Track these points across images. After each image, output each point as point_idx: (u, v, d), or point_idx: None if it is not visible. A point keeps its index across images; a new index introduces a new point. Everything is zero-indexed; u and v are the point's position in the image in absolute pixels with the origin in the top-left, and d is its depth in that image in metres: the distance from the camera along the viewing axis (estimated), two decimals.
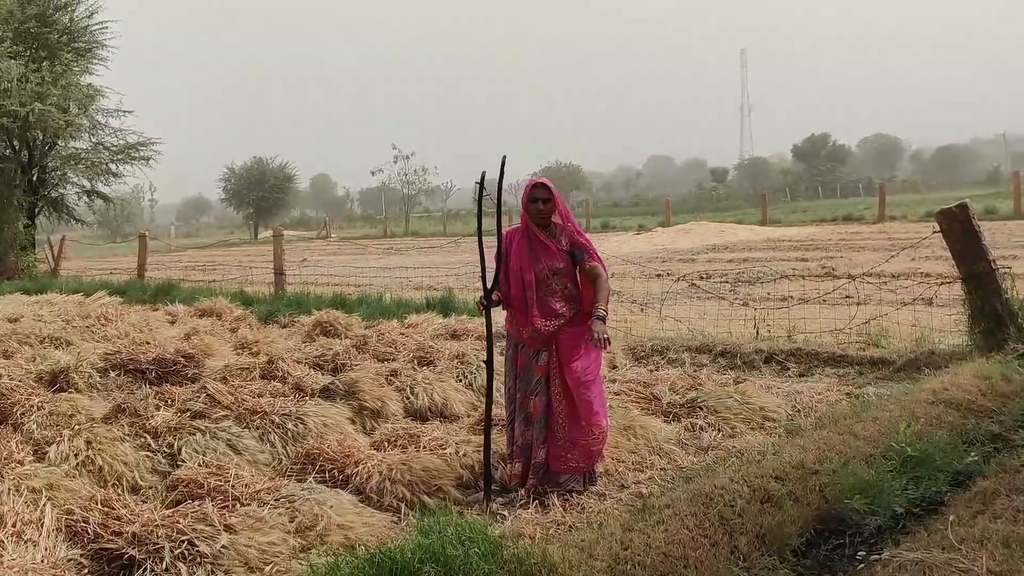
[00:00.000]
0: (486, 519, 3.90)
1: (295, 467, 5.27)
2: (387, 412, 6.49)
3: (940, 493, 4.54)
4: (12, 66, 18.21)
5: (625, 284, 14.68)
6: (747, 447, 5.43)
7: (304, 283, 17.12)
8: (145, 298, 14.89)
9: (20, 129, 19.13)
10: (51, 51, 20.02)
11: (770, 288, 13.69)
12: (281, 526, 4.14)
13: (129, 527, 4.04)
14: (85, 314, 12.51)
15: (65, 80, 19.22)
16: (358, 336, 9.32)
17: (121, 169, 21.91)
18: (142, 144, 22.05)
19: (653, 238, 29.03)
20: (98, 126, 21.28)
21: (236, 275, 18.95)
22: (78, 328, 11.35)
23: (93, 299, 15.07)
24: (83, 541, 4.05)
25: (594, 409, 4.82)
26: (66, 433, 5.52)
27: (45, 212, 21.88)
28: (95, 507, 4.25)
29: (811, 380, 7.36)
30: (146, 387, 7.52)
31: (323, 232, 51.95)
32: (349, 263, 22.17)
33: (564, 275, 4.88)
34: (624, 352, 8.57)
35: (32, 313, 12.99)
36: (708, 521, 3.97)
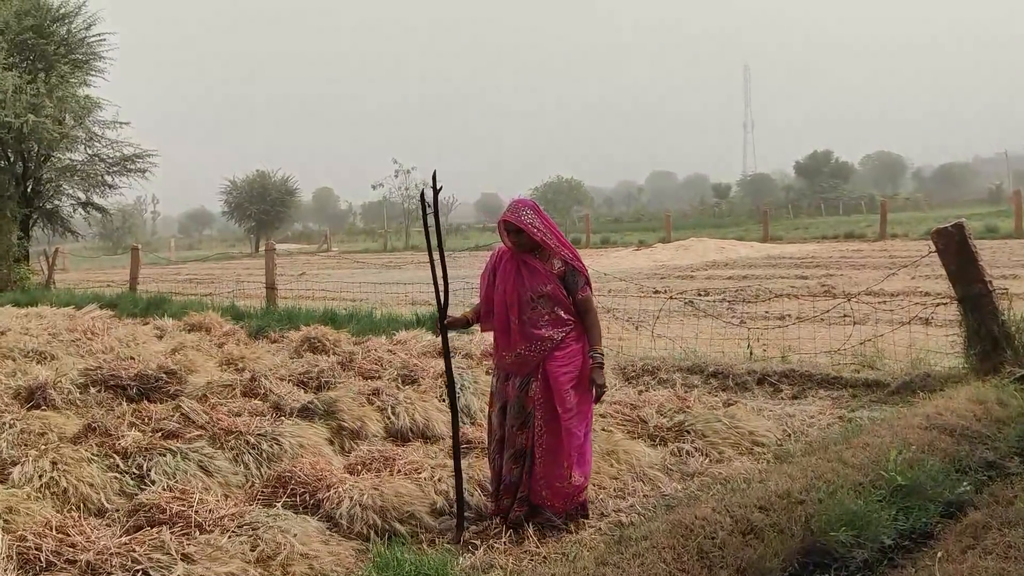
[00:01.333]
0: (447, 555, 3.71)
1: (266, 490, 5.08)
2: (367, 432, 6.32)
3: (931, 524, 4.38)
4: (7, 77, 18.12)
5: (619, 301, 14.52)
6: (734, 474, 5.26)
7: (300, 297, 16.99)
8: (136, 311, 14.74)
9: (14, 140, 19.04)
10: (48, 63, 19.96)
11: (768, 306, 13.52)
12: (242, 555, 3.97)
13: (84, 555, 3.88)
14: (72, 328, 12.37)
15: (61, 92, 19.12)
16: (345, 353, 9.16)
17: (117, 181, 21.81)
18: (138, 156, 21.96)
19: (653, 254, 28.91)
20: (94, 138, 21.19)
21: (230, 289, 18.79)
22: (64, 342, 11.21)
23: (84, 312, 14.95)
24: (35, 569, 3.88)
25: (581, 446, 4.57)
26: (32, 453, 5.35)
27: (40, 224, 21.75)
28: (50, 533, 4.08)
29: (804, 403, 7.19)
30: (125, 404, 7.35)
31: (323, 246, 51.84)
32: (346, 277, 22.01)
33: (551, 299, 4.53)
34: (614, 372, 8.40)
35: (20, 326, 12.85)
36: (687, 554, 3.81)
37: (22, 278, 19.83)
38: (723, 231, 42.97)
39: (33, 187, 20.86)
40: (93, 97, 21.18)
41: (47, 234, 23.15)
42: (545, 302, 4.52)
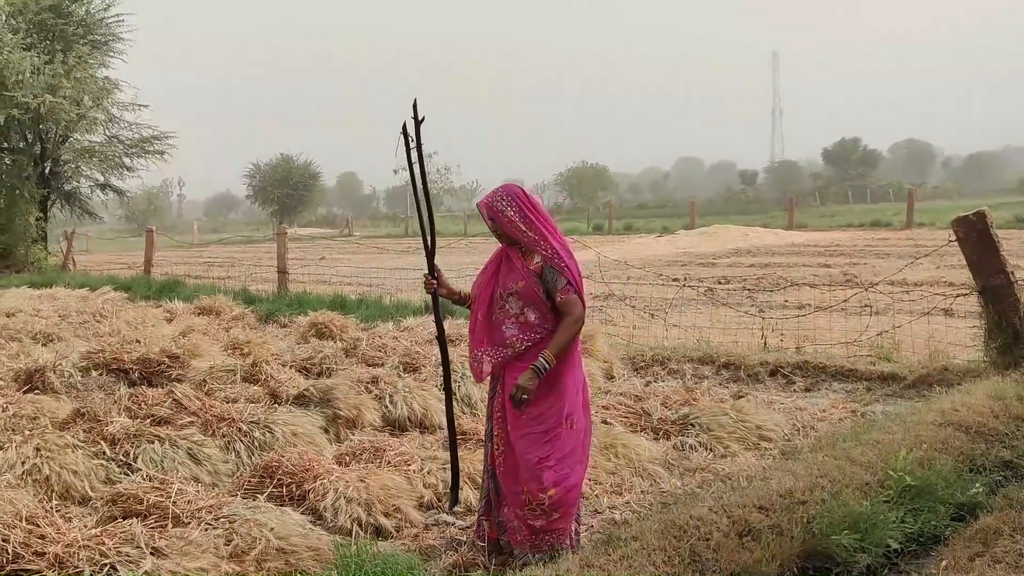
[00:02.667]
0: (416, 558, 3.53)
1: (253, 480, 4.95)
2: (363, 421, 6.18)
3: (940, 528, 4.16)
4: (25, 58, 18.11)
5: (635, 289, 14.30)
6: (737, 470, 5.06)
7: (317, 282, 16.89)
8: (150, 294, 14.69)
9: (32, 121, 19.04)
10: (66, 43, 19.94)
11: (788, 295, 13.24)
12: (215, 550, 3.82)
13: (52, 547, 3.74)
14: (83, 310, 12.34)
15: (79, 73, 19.08)
16: (351, 339, 9.02)
17: (135, 163, 21.79)
18: (156, 138, 21.94)
19: (675, 241, 28.58)
20: (113, 119, 21.17)
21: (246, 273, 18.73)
22: (72, 324, 11.17)
23: (98, 294, 14.93)
24: (1, 562, 3.75)
25: (539, 475, 3.83)
26: (16, 439, 5.24)
27: (59, 205, 21.79)
28: (19, 524, 3.94)
29: (816, 396, 6.97)
30: (125, 388, 7.24)
31: (345, 230, 51.85)
32: (365, 262, 21.91)
33: (521, 298, 3.91)
34: (623, 361, 8.21)
35: (32, 308, 12.84)
36: (678, 557, 3.61)
37: (39, 259, 19.88)
38: (749, 218, 42.46)
39: (51, 168, 20.89)
40: (112, 79, 21.17)
41: (70, 216, 23.17)
42: (514, 301, 3.94)
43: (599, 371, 7.69)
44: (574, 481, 3.90)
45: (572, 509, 3.93)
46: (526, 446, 3.87)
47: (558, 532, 3.89)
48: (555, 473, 3.85)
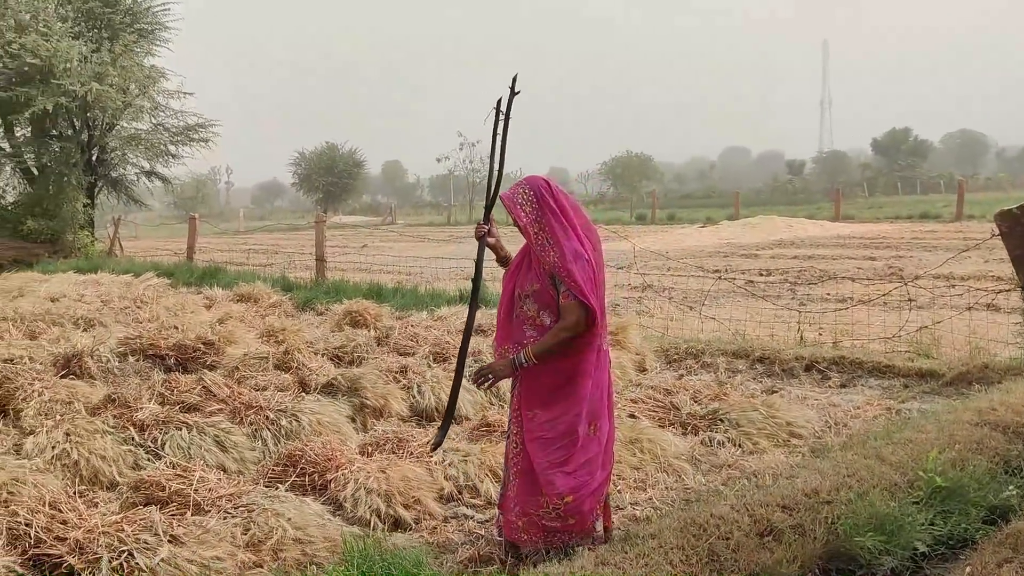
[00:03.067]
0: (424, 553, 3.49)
1: (276, 469, 4.96)
2: (390, 411, 6.18)
3: (971, 531, 4.04)
4: (74, 46, 18.37)
5: (674, 280, 14.18)
6: (763, 468, 4.97)
7: (356, 269, 16.98)
8: (191, 280, 14.87)
9: (79, 109, 19.32)
10: (113, 32, 20.18)
11: (829, 289, 13.02)
12: (232, 539, 3.84)
13: (74, 533, 3.79)
14: (124, 296, 12.52)
15: (125, 61, 19.32)
16: (384, 328, 9.03)
17: (180, 151, 22.04)
18: (201, 126, 22.16)
19: (718, 232, 28.32)
20: (159, 107, 21.42)
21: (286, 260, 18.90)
22: (114, 310, 11.33)
23: (141, 280, 15.14)
24: (24, 546, 3.80)
25: (551, 479, 3.75)
26: (48, 424, 5.32)
27: (106, 192, 22.12)
28: (43, 509, 3.99)
29: (852, 392, 6.82)
30: (160, 374, 7.32)
31: (388, 219, 52.09)
32: (405, 251, 21.97)
33: (537, 300, 3.79)
34: (656, 354, 8.12)
35: (76, 293, 13.05)
36: (696, 556, 3.54)
37: (86, 245, 20.20)
38: (795, 209, 41.89)
39: (98, 155, 21.20)
40: (158, 67, 21.41)
41: (116, 203, 23.52)
42: (531, 303, 3.82)
43: (631, 363, 7.61)
44: (593, 487, 3.79)
45: (590, 515, 3.82)
46: (536, 450, 3.78)
47: (573, 534, 3.81)
48: (573, 480, 3.75)
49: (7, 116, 19.64)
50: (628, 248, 14.36)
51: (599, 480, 3.83)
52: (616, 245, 19.23)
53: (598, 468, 3.81)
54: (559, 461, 3.75)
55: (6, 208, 20.81)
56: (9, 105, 18.73)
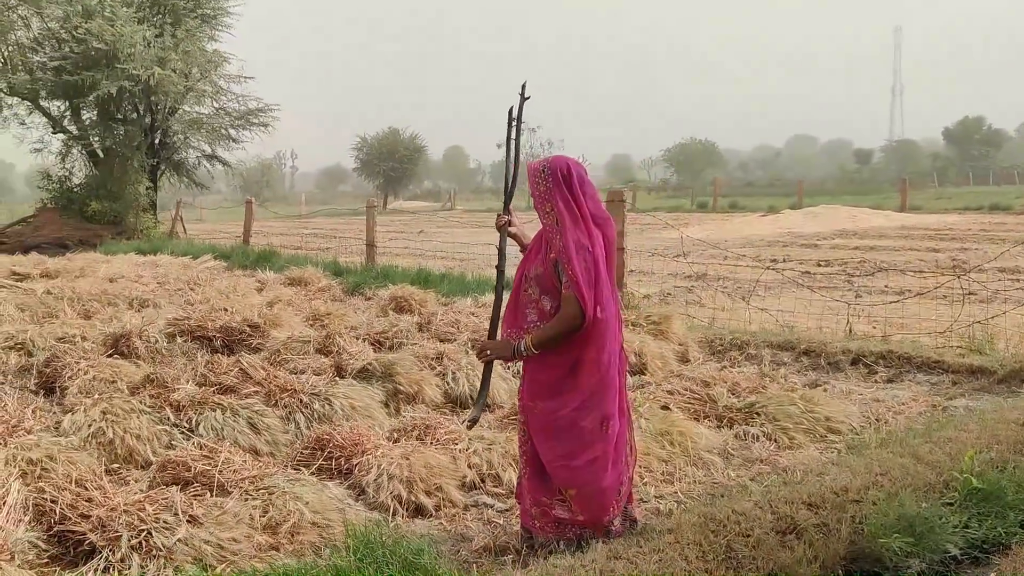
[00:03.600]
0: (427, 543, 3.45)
1: (305, 452, 4.99)
2: (424, 397, 6.18)
3: (1008, 535, 3.88)
4: (138, 31, 18.75)
5: (731, 270, 13.97)
6: (796, 464, 4.84)
7: (410, 255, 17.06)
8: (247, 263, 15.10)
9: (142, 93, 19.73)
10: (176, 17, 20.57)
11: (888, 281, 12.69)
12: (250, 520, 3.86)
13: (97, 511, 3.84)
14: (179, 277, 12.76)
15: (187, 45, 19.68)
16: (427, 314, 9.04)
17: (240, 135, 22.39)
18: (261, 110, 22.49)
19: (779, 221, 27.80)
20: (220, 91, 21.79)
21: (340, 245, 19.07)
22: (168, 291, 11.55)
23: (199, 262, 15.44)
24: (49, 522, 3.88)
25: (557, 471, 3.70)
26: (87, 402, 5.42)
27: (168, 175, 22.59)
28: (69, 487, 4.07)
29: (898, 387, 6.63)
30: (207, 355, 7.42)
31: (447, 204, 52.28)
32: (461, 237, 22.03)
33: (539, 284, 3.72)
34: (700, 345, 8.00)
35: (134, 274, 13.35)
36: (713, 553, 3.47)
37: (148, 227, 20.65)
38: (861, 199, 40.96)
39: (161, 139, 21.65)
40: (220, 51, 21.75)
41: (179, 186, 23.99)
42: (534, 285, 3.74)
43: (672, 354, 7.51)
44: (601, 485, 3.70)
45: (601, 512, 3.73)
46: (541, 441, 3.73)
47: (584, 528, 3.74)
48: (577, 475, 3.68)
49: (74, 100, 20.15)
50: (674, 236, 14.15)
51: (610, 479, 3.72)
52: (669, 234, 19.03)
53: (607, 467, 3.71)
54: (563, 454, 3.69)
55: (72, 190, 21.36)
56: (75, 89, 19.23)
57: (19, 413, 5.19)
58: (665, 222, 22.04)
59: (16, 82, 19.88)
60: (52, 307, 9.82)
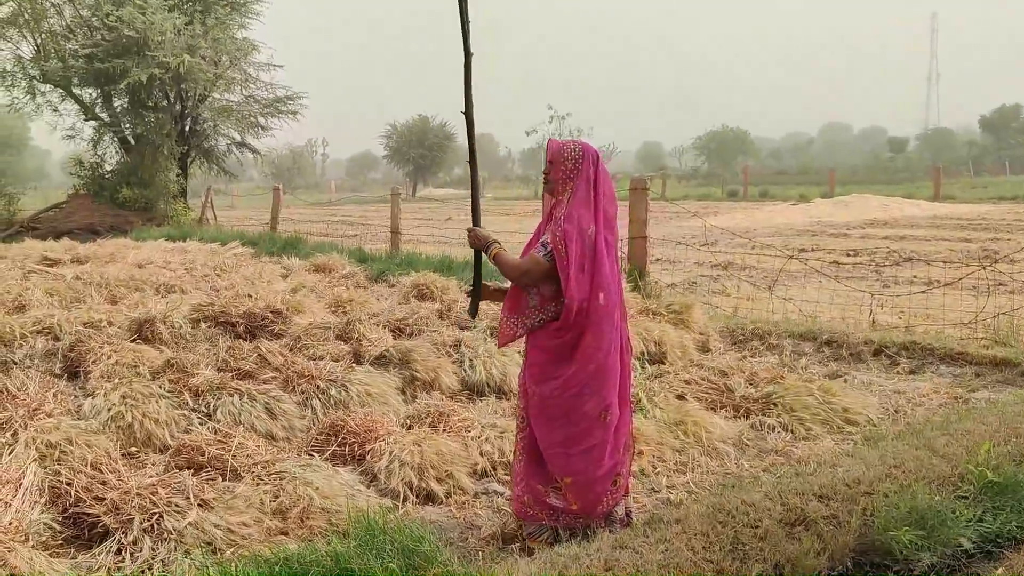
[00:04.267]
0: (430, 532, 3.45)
1: (319, 438, 5.03)
2: (440, 384, 6.19)
3: (1022, 531, 3.82)
4: (168, 19, 18.90)
5: (757, 259, 13.86)
6: (811, 455, 4.80)
7: (436, 242, 17.09)
8: (274, 250, 15.18)
9: (173, 81, 19.90)
10: (206, 5, 20.71)
11: (917, 271, 12.53)
12: (260, 505, 3.90)
13: (111, 494, 3.90)
14: (206, 263, 12.87)
15: (216, 33, 19.81)
16: (449, 301, 9.06)
17: (269, 122, 22.53)
18: (289, 98, 22.60)
19: (809, 210, 27.52)
20: (249, 79, 21.93)
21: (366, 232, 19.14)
22: (195, 277, 11.66)
23: (227, 249, 15.55)
24: (64, 504, 3.94)
25: (552, 459, 3.72)
26: (107, 386, 5.49)
27: (198, 162, 22.77)
28: (85, 470, 4.13)
29: (920, 379, 6.55)
30: (229, 341, 7.48)
31: None
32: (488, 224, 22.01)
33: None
34: (722, 334, 7.95)
35: (163, 260, 13.48)
36: (720, 543, 3.45)
37: (178, 214, 20.85)
38: (894, 188, 40.45)
39: (191, 126, 21.84)
40: (249, 39, 21.88)
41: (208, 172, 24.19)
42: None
43: (693, 343, 7.48)
44: (599, 474, 3.71)
45: (597, 501, 3.74)
46: (539, 427, 3.75)
47: (578, 517, 3.76)
48: (574, 463, 3.70)
49: (105, 87, 20.36)
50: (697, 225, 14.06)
51: (607, 467, 3.73)
52: (696, 223, 18.90)
53: (605, 455, 3.72)
54: (559, 441, 3.70)
55: (104, 176, 21.60)
56: (107, 76, 19.43)
57: (40, 397, 5.26)
58: (688, 211, 21.91)
59: (49, 69, 20.14)
60: (80, 292, 9.94)
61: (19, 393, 5.30)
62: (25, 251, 14.70)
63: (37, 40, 21.02)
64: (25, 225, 19.77)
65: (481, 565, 3.20)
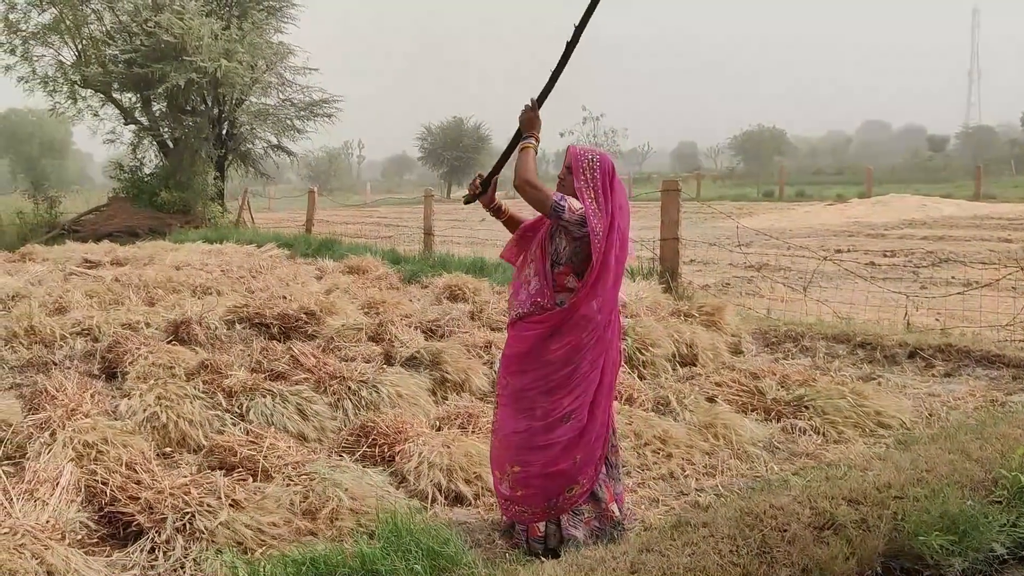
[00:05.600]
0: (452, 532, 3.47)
1: (350, 439, 5.08)
2: (471, 385, 6.22)
3: None
4: (205, 24, 19.14)
5: (791, 260, 13.75)
6: (841, 458, 4.77)
7: (470, 243, 17.14)
8: (309, 252, 15.33)
9: (210, 85, 20.14)
10: (243, 10, 20.95)
11: (955, 272, 12.37)
12: (290, 506, 3.95)
13: (145, 494, 3.97)
14: (242, 265, 13.02)
15: (253, 38, 20.03)
16: (481, 302, 9.09)
17: (305, 126, 22.74)
18: (325, 101, 22.78)
19: (846, 210, 27.23)
20: (286, 83, 22.15)
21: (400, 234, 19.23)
22: (231, 279, 11.79)
23: (263, 251, 15.73)
24: (100, 503, 4.01)
25: (509, 445, 3.80)
26: (143, 387, 5.58)
27: (235, 165, 23.04)
28: (120, 469, 4.21)
29: (955, 382, 6.47)
30: (260, 342, 7.57)
31: (509, 192, 52.36)
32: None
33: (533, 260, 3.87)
34: (754, 336, 7.90)
35: (200, 262, 13.64)
36: (747, 547, 3.43)
37: (215, 216, 21.10)
38: (934, 187, 39.88)
39: (228, 130, 22.09)
40: (285, 43, 22.12)
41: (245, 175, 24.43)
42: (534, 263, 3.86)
43: (724, 345, 7.44)
44: (550, 470, 3.72)
45: (539, 497, 3.75)
46: (504, 415, 3.86)
47: (524, 509, 3.78)
48: (530, 455, 3.74)
49: (144, 91, 20.67)
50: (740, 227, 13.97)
51: (561, 468, 3.72)
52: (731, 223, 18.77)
53: (559, 457, 3.72)
54: (522, 430, 3.76)
55: (143, 180, 21.91)
56: (146, 81, 19.72)
57: (78, 397, 5.36)
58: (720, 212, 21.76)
59: (89, 75, 20.48)
60: (119, 294, 10.10)
61: (58, 394, 5.40)
62: (66, 253, 14.97)
63: (78, 46, 21.39)
64: (67, 228, 20.11)
65: (507, 567, 3.21)
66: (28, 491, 3.91)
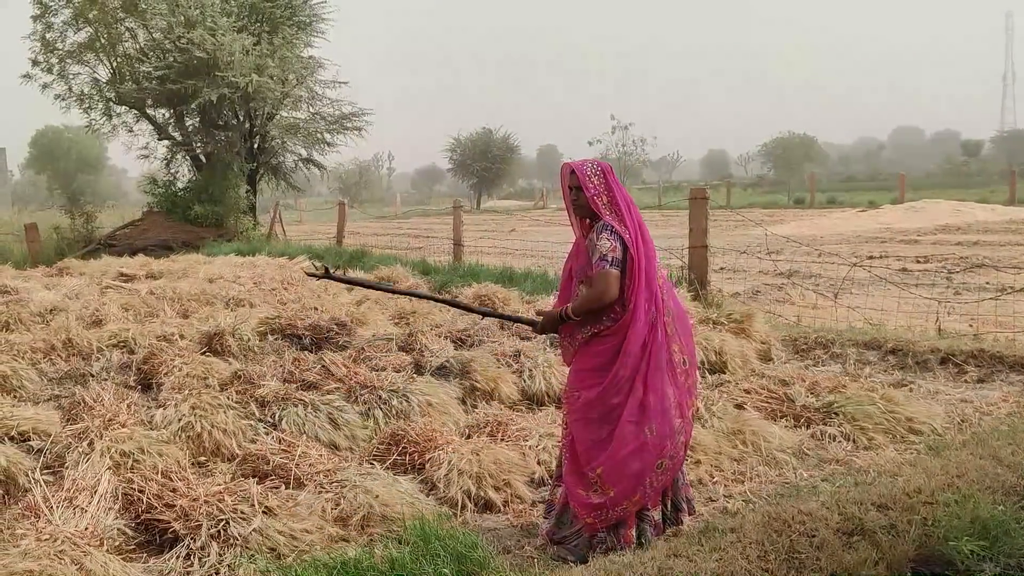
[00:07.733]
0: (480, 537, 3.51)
1: (381, 448, 5.14)
2: (500, 394, 6.26)
3: None
4: (237, 39, 19.38)
5: (822, 267, 13.66)
6: (871, 465, 4.75)
7: (499, 253, 17.18)
8: (340, 263, 15.43)
9: (242, 100, 20.38)
10: (273, 25, 21.17)
11: (990, 278, 12.24)
12: (321, 513, 4.01)
13: (181, 501, 4.05)
14: (274, 277, 13.15)
15: (283, 52, 20.25)
16: (510, 312, 9.12)
17: (335, 139, 22.93)
18: (355, 115, 22.96)
19: (879, 216, 26.98)
20: (316, 97, 22.36)
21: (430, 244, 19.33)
22: (263, 291, 11.92)
23: (294, 263, 15.85)
24: (137, 511, 4.10)
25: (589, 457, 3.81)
26: (178, 397, 5.68)
27: (266, 179, 23.26)
28: (155, 478, 4.29)
29: (988, 388, 6.42)
30: (296, 353, 7.65)
31: (539, 203, 52.40)
32: (550, 235, 22.06)
33: (585, 282, 3.90)
34: (784, 343, 7.87)
35: (233, 274, 13.79)
36: (775, 553, 3.45)
37: (247, 229, 21.31)
38: (968, 193, 39.40)
39: (259, 144, 22.33)
40: (315, 57, 22.33)
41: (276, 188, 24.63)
42: (586, 287, 3.87)
43: (754, 352, 7.42)
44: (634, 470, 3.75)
45: (632, 490, 3.76)
46: (576, 430, 3.87)
47: (618, 508, 3.76)
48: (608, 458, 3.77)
49: (177, 107, 20.95)
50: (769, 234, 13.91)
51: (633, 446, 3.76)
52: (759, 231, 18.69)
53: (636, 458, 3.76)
54: (598, 439, 3.79)
55: (177, 194, 22.18)
56: (179, 97, 19.99)
57: (115, 408, 5.47)
58: (748, 219, 21.66)
59: (124, 91, 20.81)
60: (154, 307, 10.26)
61: (95, 404, 5.52)
62: (103, 267, 15.20)
63: (113, 64, 21.75)
64: (102, 242, 20.40)
65: (535, 572, 3.24)
66: (67, 499, 4.01)
